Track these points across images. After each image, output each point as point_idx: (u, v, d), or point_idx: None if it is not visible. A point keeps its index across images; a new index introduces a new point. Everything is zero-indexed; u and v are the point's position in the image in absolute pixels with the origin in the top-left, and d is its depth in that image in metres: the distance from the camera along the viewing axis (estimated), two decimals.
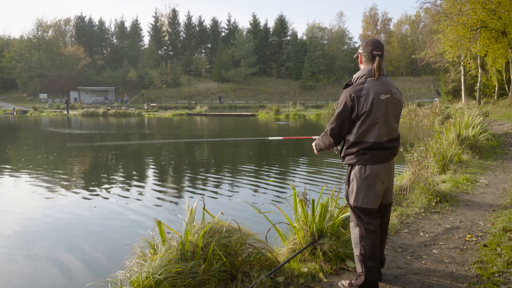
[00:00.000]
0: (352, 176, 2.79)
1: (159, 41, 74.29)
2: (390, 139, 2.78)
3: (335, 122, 2.78)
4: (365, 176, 2.72)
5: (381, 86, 2.69)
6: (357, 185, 2.75)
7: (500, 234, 3.95)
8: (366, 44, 2.78)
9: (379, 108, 2.66)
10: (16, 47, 62.68)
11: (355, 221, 2.81)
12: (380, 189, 2.78)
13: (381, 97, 2.66)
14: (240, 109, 47.24)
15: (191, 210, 3.33)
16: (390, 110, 2.74)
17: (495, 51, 23.23)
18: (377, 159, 2.73)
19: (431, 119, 20.29)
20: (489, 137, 10.44)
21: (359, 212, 2.79)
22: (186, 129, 24.00)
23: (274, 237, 3.85)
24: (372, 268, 2.77)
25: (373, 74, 2.70)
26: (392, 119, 2.76)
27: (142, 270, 2.78)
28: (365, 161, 2.72)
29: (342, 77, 65.19)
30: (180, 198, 7.20)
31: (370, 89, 2.66)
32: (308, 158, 11.45)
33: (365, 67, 2.78)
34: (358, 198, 2.76)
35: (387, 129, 2.74)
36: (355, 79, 2.79)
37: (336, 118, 2.76)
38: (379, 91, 2.66)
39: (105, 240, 5.13)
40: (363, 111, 2.66)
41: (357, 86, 2.70)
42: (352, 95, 2.67)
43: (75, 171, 10.01)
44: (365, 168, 2.72)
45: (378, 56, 2.71)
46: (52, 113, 40.24)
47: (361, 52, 2.80)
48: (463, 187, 6.13)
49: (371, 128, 2.69)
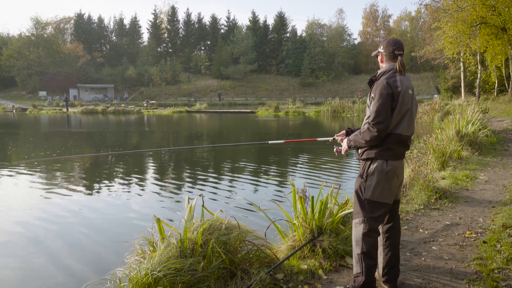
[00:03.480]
0: (372, 170, 2.75)
1: (158, 38, 74.05)
2: (410, 136, 2.83)
3: (380, 114, 2.65)
4: (386, 171, 2.72)
5: (407, 81, 2.75)
6: (378, 179, 2.73)
7: (499, 231, 3.95)
8: (387, 44, 2.82)
9: (409, 102, 2.72)
10: (15, 45, 62.48)
11: (362, 217, 2.77)
12: (395, 185, 2.81)
13: (409, 92, 2.72)
14: (240, 106, 47.15)
15: (190, 207, 3.32)
16: (414, 105, 2.80)
17: (495, 47, 23.18)
18: (398, 155, 2.77)
19: (430, 116, 20.29)
20: (489, 133, 10.44)
21: (371, 206, 2.75)
22: (185, 127, 23.97)
23: (273, 234, 3.85)
24: (372, 267, 2.76)
25: (399, 72, 2.74)
26: (414, 115, 2.82)
27: (141, 267, 2.78)
28: (388, 156, 2.73)
29: (341, 74, 65.05)
30: (179, 196, 7.20)
31: (401, 81, 2.70)
32: (307, 155, 11.44)
33: (386, 64, 2.82)
34: (375, 192, 2.74)
35: (411, 125, 2.79)
36: (381, 74, 2.81)
37: (379, 109, 2.64)
38: (407, 86, 2.72)
39: (104, 237, 5.13)
40: (399, 101, 2.66)
41: (391, 78, 2.70)
42: (389, 83, 2.67)
43: (75, 169, 10.00)
44: (387, 163, 2.73)
45: (400, 56, 2.78)
46: (51, 110, 40.16)
47: (382, 51, 2.84)
48: (462, 183, 6.13)
49: (402, 119, 2.71)
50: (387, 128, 2.67)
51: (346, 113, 28.10)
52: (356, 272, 2.80)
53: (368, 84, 2.89)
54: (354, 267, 2.82)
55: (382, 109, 2.64)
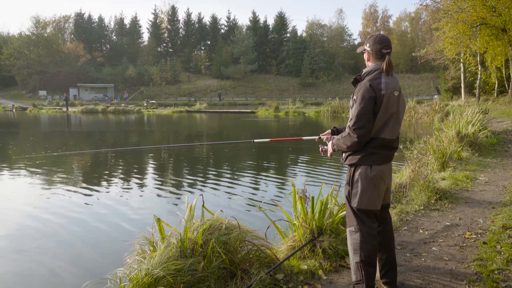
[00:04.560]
0: (356, 177, 2.65)
1: (159, 38, 74.04)
2: (396, 139, 2.70)
3: (360, 119, 2.53)
4: (371, 177, 2.60)
5: (394, 83, 2.60)
6: (362, 186, 2.62)
7: (499, 232, 3.95)
8: (374, 41, 2.65)
9: (394, 105, 2.59)
10: (15, 44, 62.46)
11: (356, 225, 2.67)
12: (383, 190, 2.70)
13: (394, 94, 2.58)
14: (240, 106, 47.15)
15: (191, 207, 3.32)
16: (400, 108, 2.67)
17: (495, 48, 23.18)
18: (383, 159, 2.64)
19: (430, 117, 20.29)
20: (489, 134, 10.45)
21: (362, 214, 2.66)
22: (185, 126, 23.97)
23: (273, 234, 3.85)
24: (372, 274, 2.67)
25: (385, 72, 2.60)
26: (400, 118, 2.69)
27: (142, 267, 2.77)
28: (372, 161, 2.60)
29: (341, 74, 65.04)
30: (179, 195, 7.20)
31: (386, 84, 2.55)
32: (307, 155, 11.44)
33: (373, 63, 2.67)
34: (362, 200, 2.63)
35: (396, 127, 2.66)
36: (365, 74, 2.66)
37: (360, 113, 2.52)
38: (393, 88, 2.58)
39: (104, 237, 5.13)
40: (382, 104, 2.53)
41: (375, 80, 2.56)
42: (372, 86, 2.53)
43: (75, 168, 10.00)
44: (371, 168, 2.61)
45: (388, 54, 2.63)
46: (51, 110, 40.14)
47: (369, 49, 2.67)
48: (462, 184, 6.13)
49: (386, 123, 2.59)
50: (368, 133, 2.55)
51: (346, 113, 28.08)
52: (356, 279, 2.69)
53: (352, 83, 2.73)
54: (353, 274, 2.71)
55: (363, 113, 2.52)
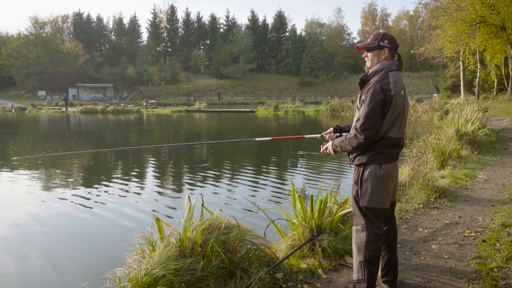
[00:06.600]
0: (366, 176, 2.66)
1: (158, 37, 73.98)
2: (402, 137, 2.74)
3: (369, 120, 2.54)
4: (380, 176, 2.62)
5: (400, 81, 2.63)
6: (372, 185, 2.64)
7: (499, 230, 3.95)
8: (392, 38, 2.69)
9: (401, 104, 2.62)
10: (14, 44, 62.39)
11: (363, 224, 2.67)
12: (391, 188, 2.73)
13: (401, 93, 2.61)
14: (239, 105, 47.14)
15: (190, 207, 3.32)
16: (406, 106, 2.70)
17: (494, 46, 23.20)
18: (391, 158, 2.67)
19: (430, 115, 20.29)
20: (488, 132, 10.44)
21: (370, 214, 2.67)
22: (185, 126, 23.96)
23: (273, 233, 3.85)
24: (374, 274, 2.68)
25: (397, 68, 2.67)
26: (406, 116, 2.73)
27: (141, 267, 2.77)
28: (381, 160, 2.63)
29: (341, 73, 65.05)
30: (178, 195, 7.19)
31: (394, 84, 2.58)
32: (307, 153, 11.44)
33: (382, 61, 2.67)
34: (372, 199, 2.64)
35: (403, 126, 2.70)
36: (372, 74, 2.68)
37: (369, 114, 2.54)
38: (400, 87, 2.61)
39: (103, 237, 5.13)
40: (391, 105, 2.56)
41: (383, 80, 2.58)
42: (382, 87, 2.55)
43: (74, 168, 10.00)
44: (380, 167, 2.63)
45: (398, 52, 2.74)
46: (50, 110, 40.10)
47: (389, 46, 2.67)
48: (462, 182, 6.13)
49: (394, 122, 2.62)
50: (375, 134, 2.58)
51: (345, 112, 28.09)
52: (358, 278, 2.70)
53: (359, 84, 2.74)
54: (355, 273, 2.73)
55: (372, 114, 2.54)
